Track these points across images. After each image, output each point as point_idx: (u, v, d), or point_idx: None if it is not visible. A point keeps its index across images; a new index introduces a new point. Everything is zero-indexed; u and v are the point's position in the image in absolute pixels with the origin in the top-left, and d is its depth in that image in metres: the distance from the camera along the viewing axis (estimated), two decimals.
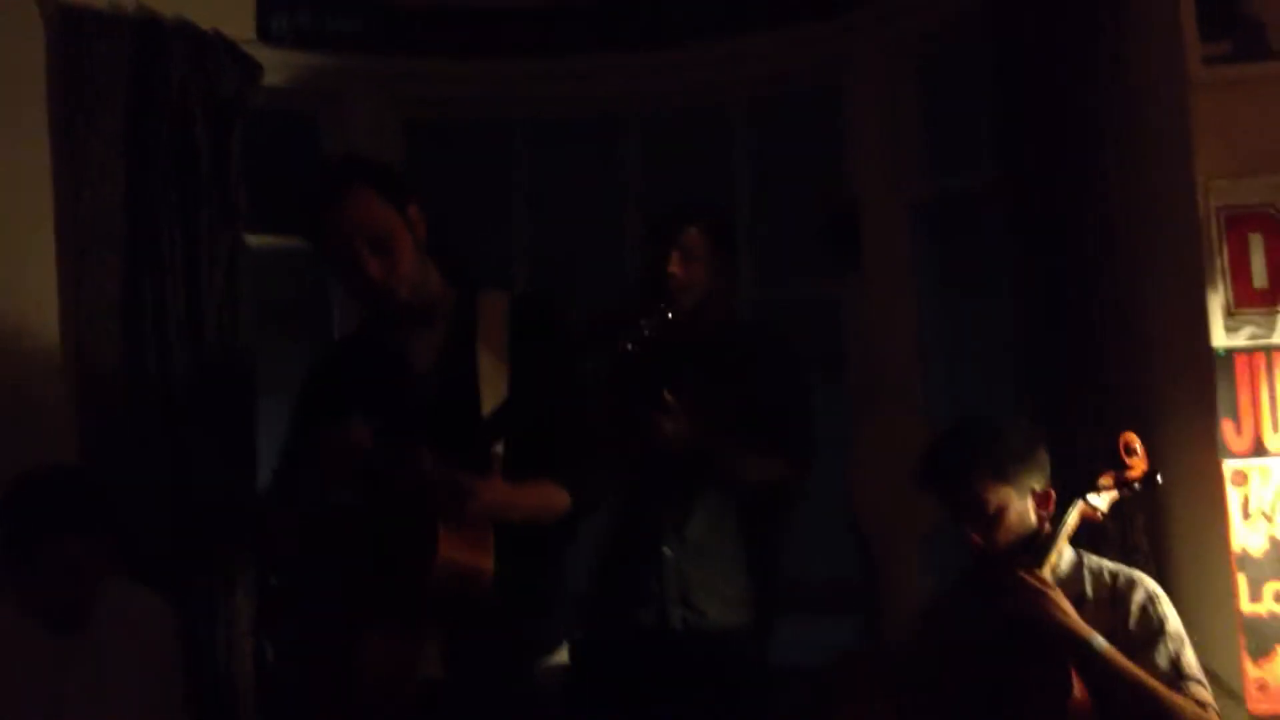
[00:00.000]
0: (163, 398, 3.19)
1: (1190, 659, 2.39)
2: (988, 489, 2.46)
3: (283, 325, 3.76)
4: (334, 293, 3.71)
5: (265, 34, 3.55)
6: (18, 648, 2.65)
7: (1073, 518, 2.47)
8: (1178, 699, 2.31)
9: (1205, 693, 2.35)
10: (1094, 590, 2.46)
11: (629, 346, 2.22)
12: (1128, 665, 2.31)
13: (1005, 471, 2.47)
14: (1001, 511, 2.47)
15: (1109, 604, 2.43)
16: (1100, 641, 2.32)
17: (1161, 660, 2.36)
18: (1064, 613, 2.35)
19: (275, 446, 2.79)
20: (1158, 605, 2.43)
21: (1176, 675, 2.34)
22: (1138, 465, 2.53)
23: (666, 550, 2.97)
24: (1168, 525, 2.88)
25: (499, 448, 2.36)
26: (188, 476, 3.20)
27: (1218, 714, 2.35)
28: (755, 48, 3.80)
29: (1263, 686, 2.79)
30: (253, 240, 3.42)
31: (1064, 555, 2.49)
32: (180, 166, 3.25)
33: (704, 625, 2.95)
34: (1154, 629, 2.39)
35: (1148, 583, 2.47)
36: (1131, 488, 2.55)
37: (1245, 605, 2.80)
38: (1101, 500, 2.52)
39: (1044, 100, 3.04)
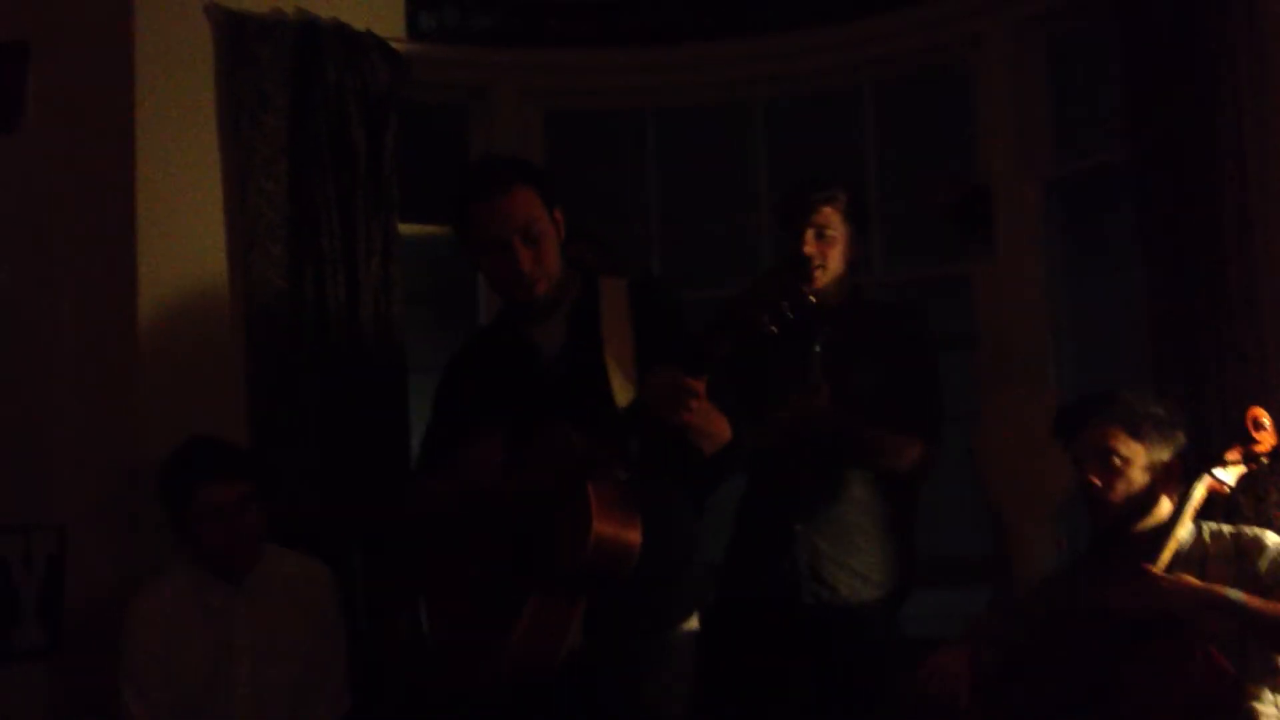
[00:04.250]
0: (324, 379, 3.39)
1: None
2: (1117, 438, 2.55)
3: (431, 310, 3.94)
4: (480, 281, 3.88)
5: (414, 31, 3.73)
6: (197, 609, 2.91)
7: (1199, 491, 2.52)
8: None
9: None
10: (1215, 548, 2.52)
11: (772, 328, 2.26)
12: (1265, 604, 2.38)
13: (1139, 429, 2.56)
14: (1126, 464, 2.55)
15: (1234, 558, 2.50)
16: (1234, 592, 2.39)
17: None
18: (1190, 588, 2.40)
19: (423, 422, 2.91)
20: None
21: None
22: (1266, 440, 2.55)
23: (798, 526, 3.02)
24: None
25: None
26: (345, 452, 3.39)
27: None
28: (883, 28, 3.84)
29: None
30: (405, 229, 3.60)
31: (1186, 528, 2.54)
32: (338, 161, 3.44)
33: (834, 600, 3.00)
34: None
35: (1271, 535, 2.53)
36: (1259, 461, 2.58)
37: None
38: (1229, 475, 2.55)
39: (1173, 74, 3.04)
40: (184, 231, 3.34)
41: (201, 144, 3.37)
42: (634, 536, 2.36)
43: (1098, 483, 2.56)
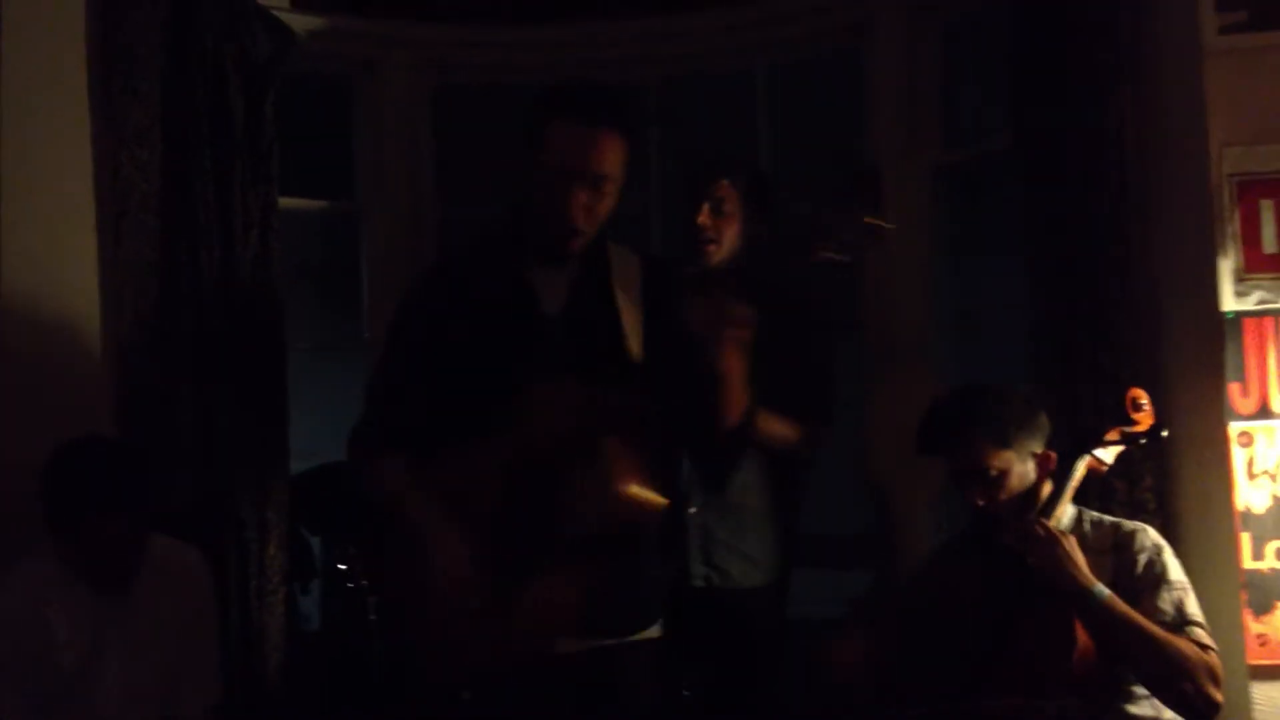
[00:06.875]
0: (197, 354, 3.27)
1: (1193, 605, 2.46)
2: (988, 454, 2.52)
3: (313, 286, 3.84)
4: (366, 254, 3.79)
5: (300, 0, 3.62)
6: (62, 602, 2.73)
7: (1079, 472, 2.54)
8: (1180, 641, 2.38)
9: (1206, 636, 2.42)
10: (1095, 539, 2.53)
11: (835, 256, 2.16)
12: (1128, 612, 2.39)
13: (1005, 436, 2.53)
14: (1003, 475, 2.53)
15: (1111, 552, 2.50)
16: (1101, 590, 2.39)
17: (1165, 605, 2.43)
18: (1071, 562, 2.41)
19: (303, 401, 2.76)
20: (1162, 554, 2.50)
21: (1181, 620, 2.41)
22: (1144, 420, 2.57)
23: (691, 509, 3.00)
24: (1174, 484, 2.94)
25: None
26: (221, 431, 3.28)
27: (1218, 654, 2.41)
28: (775, 10, 3.84)
29: (1263, 640, 2.87)
30: (286, 203, 3.50)
31: (1066, 510, 2.56)
32: (215, 130, 3.32)
33: (724, 584, 3.00)
34: (1157, 575, 2.46)
35: (1151, 533, 2.55)
36: (1137, 442, 2.60)
37: (1248, 562, 2.87)
38: (1107, 454, 2.58)
39: (1059, 65, 3.07)
40: (51, 200, 3.18)
41: (71, 110, 3.21)
42: (656, 496, 2.22)
43: (984, 502, 2.55)
